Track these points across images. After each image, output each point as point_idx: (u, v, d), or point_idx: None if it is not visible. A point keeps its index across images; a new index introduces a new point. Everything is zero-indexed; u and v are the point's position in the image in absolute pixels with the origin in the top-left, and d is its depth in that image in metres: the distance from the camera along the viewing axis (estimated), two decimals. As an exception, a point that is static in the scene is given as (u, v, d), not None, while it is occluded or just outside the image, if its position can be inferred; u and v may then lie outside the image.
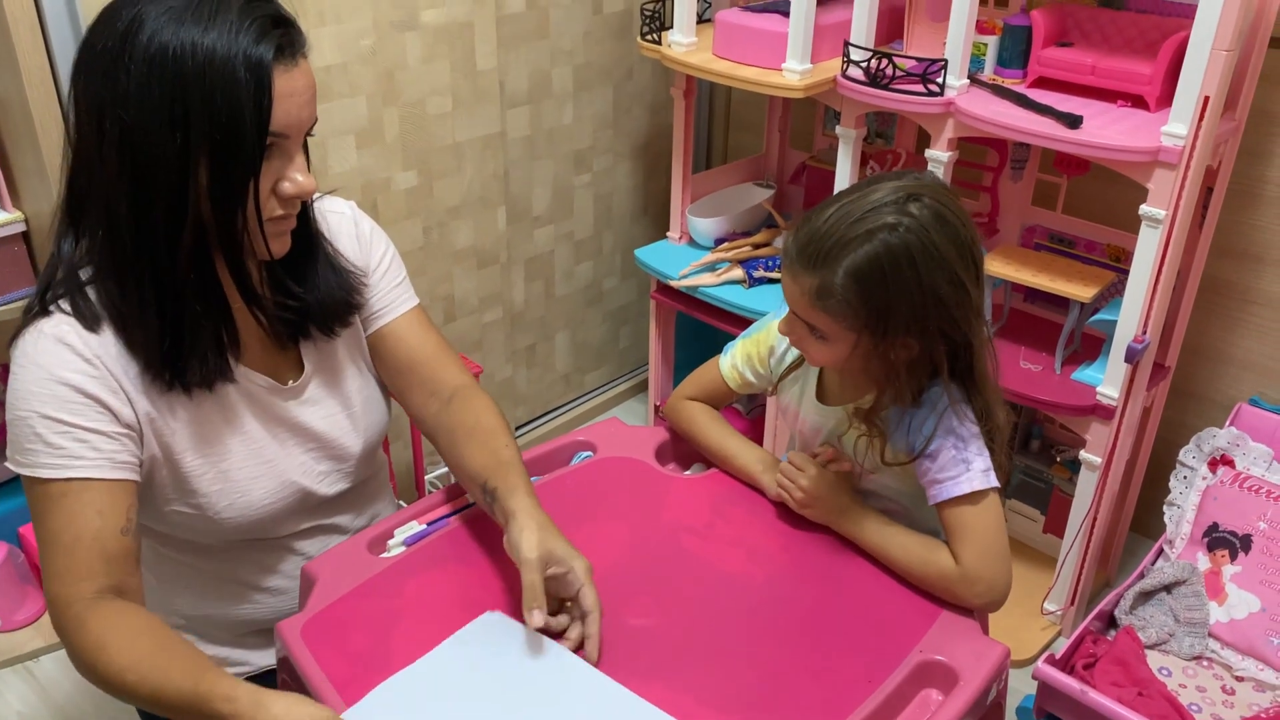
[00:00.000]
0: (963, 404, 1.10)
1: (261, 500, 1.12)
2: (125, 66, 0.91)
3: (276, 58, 0.93)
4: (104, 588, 0.98)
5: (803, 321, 1.09)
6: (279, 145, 0.97)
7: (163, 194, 0.94)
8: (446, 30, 1.91)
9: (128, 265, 0.97)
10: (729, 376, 1.31)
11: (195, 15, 0.91)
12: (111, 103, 0.92)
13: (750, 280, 2.06)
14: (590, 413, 2.59)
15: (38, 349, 0.98)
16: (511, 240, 2.23)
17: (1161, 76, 1.60)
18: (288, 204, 1.00)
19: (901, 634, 1.02)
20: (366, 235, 1.21)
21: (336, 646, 0.98)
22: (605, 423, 1.36)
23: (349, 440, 1.19)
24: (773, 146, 2.38)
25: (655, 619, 1.03)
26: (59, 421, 0.97)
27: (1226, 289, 1.91)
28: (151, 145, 0.92)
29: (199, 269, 0.99)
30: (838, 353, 1.09)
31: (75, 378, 0.98)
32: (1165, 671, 1.63)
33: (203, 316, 1.01)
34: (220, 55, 0.91)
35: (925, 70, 1.67)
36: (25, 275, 1.62)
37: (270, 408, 1.13)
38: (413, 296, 1.25)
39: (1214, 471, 1.76)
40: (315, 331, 1.15)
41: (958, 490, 1.08)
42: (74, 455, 0.98)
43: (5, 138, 1.55)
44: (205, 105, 0.91)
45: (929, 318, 1.04)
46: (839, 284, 1.03)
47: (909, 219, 1.02)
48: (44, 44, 1.42)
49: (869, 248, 1.02)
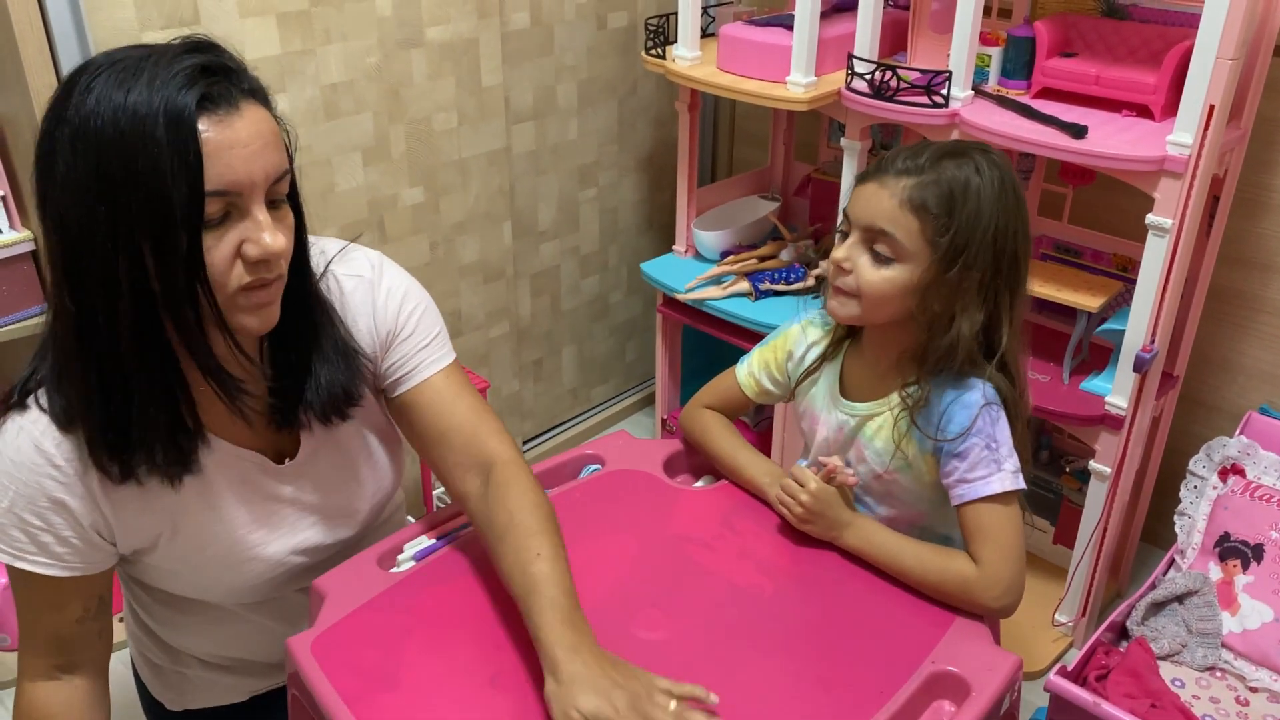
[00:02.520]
0: (996, 404, 1.10)
1: (254, 578, 1.09)
2: (58, 143, 0.84)
3: (202, 106, 0.83)
4: (58, 665, 1.03)
5: (867, 246, 1.09)
6: (233, 204, 0.86)
7: (96, 273, 0.85)
8: (452, 47, 1.92)
9: (71, 353, 0.90)
10: (746, 385, 1.30)
11: (130, 76, 0.83)
12: (49, 183, 0.86)
13: (757, 293, 2.06)
14: (597, 426, 2.59)
15: (9, 445, 0.95)
16: (517, 255, 2.24)
17: (1166, 86, 1.60)
18: (257, 269, 0.89)
19: (912, 645, 1.01)
20: (384, 301, 1.08)
21: (347, 662, 0.98)
22: (613, 436, 1.36)
23: (357, 504, 1.14)
24: (778, 159, 2.38)
25: (664, 632, 1.03)
26: (19, 518, 0.96)
27: (1234, 297, 1.90)
28: (81, 222, 0.84)
29: (144, 352, 0.89)
30: (893, 282, 1.08)
31: (43, 482, 0.95)
32: (1178, 683, 1.62)
33: (150, 402, 0.92)
34: (140, 114, 0.82)
35: (929, 82, 1.68)
36: (34, 294, 1.63)
37: (262, 487, 1.06)
38: (445, 355, 1.12)
39: (1225, 481, 1.75)
40: (313, 421, 1.06)
41: (987, 490, 1.08)
42: (28, 551, 0.98)
43: (13, 157, 1.56)
44: (126, 170, 0.82)
45: (1000, 258, 1.07)
46: (937, 187, 1.05)
47: (994, 156, 1.09)
48: (52, 63, 1.43)
49: (965, 166, 1.07)
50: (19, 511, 0.96)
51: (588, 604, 0.99)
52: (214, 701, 1.22)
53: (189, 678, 1.20)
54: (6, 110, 1.52)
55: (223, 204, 0.86)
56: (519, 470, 1.06)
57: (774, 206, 2.31)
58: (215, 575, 1.07)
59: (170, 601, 1.13)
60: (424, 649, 1.00)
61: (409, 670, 0.97)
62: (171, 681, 1.21)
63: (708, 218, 2.26)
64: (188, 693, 1.21)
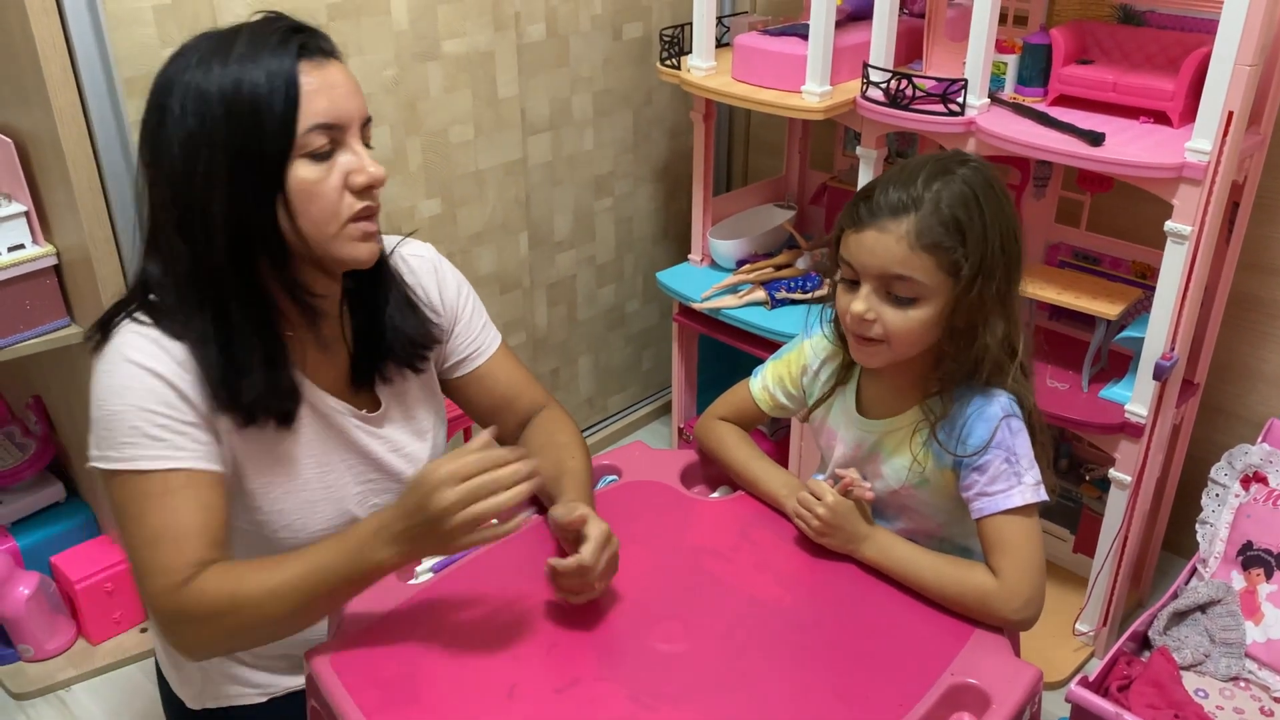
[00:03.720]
0: (1016, 416, 1.10)
1: (317, 526, 1.14)
2: (168, 115, 0.98)
3: (301, 54, 0.98)
4: (207, 560, 1.00)
5: (884, 293, 1.07)
6: (338, 139, 1.00)
7: (204, 215, 0.99)
8: (468, 59, 1.93)
9: (187, 298, 1.02)
10: (759, 398, 1.30)
11: (218, 52, 0.98)
12: (164, 148, 0.99)
13: (773, 301, 2.06)
14: (613, 436, 2.59)
15: (132, 347, 1.01)
16: (534, 265, 2.25)
17: (1184, 92, 1.59)
18: (363, 196, 1.03)
19: (931, 656, 1.01)
20: (449, 281, 1.26)
21: (366, 674, 0.98)
22: (630, 446, 1.36)
23: (411, 472, 1.20)
24: (793, 168, 2.38)
25: (683, 644, 1.03)
26: (158, 414, 0.99)
27: (1255, 304, 1.89)
28: (188, 175, 0.98)
29: (248, 291, 1.02)
30: (922, 321, 1.07)
31: (171, 375, 1.00)
32: (1201, 693, 1.61)
33: (256, 338, 1.03)
34: (245, 66, 0.97)
35: (945, 90, 1.68)
36: (57, 308, 1.64)
37: (345, 433, 1.15)
38: (496, 334, 1.31)
39: (1247, 489, 1.74)
40: (393, 369, 1.18)
41: (1008, 503, 1.08)
42: (176, 447, 1.00)
43: (37, 172, 1.58)
44: (229, 123, 0.96)
45: (1009, 262, 1.07)
46: (939, 216, 1.04)
47: (972, 163, 1.09)
48: (74, 80, 1.44)
49: (953, 183, 1.06)
50: (153, 408, 0.99)
51: (606, 614, 0.99)
52: (232, 700, 1.24)
53: (210, 673, 1.22)
54: (30, 127, 1.53)
55: (327, 137, 0.99)
56: (562, 412, 1.30)
57: (789, 215, 2.30)
58: (287, 514, 1.10)
59: None
60: (442, 661, 1.00)
61: (428, 682, 0.98)
62: (191, 677, 1.24)
63: (723, 227, 2.26)
64: (208, 689, 1.23)
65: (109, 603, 1.87)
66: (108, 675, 1.85)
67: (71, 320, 1.67)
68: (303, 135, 0.98)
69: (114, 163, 1.52)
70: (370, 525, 0.98)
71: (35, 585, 1.80)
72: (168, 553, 0.99)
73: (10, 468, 1.91)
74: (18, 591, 1.79)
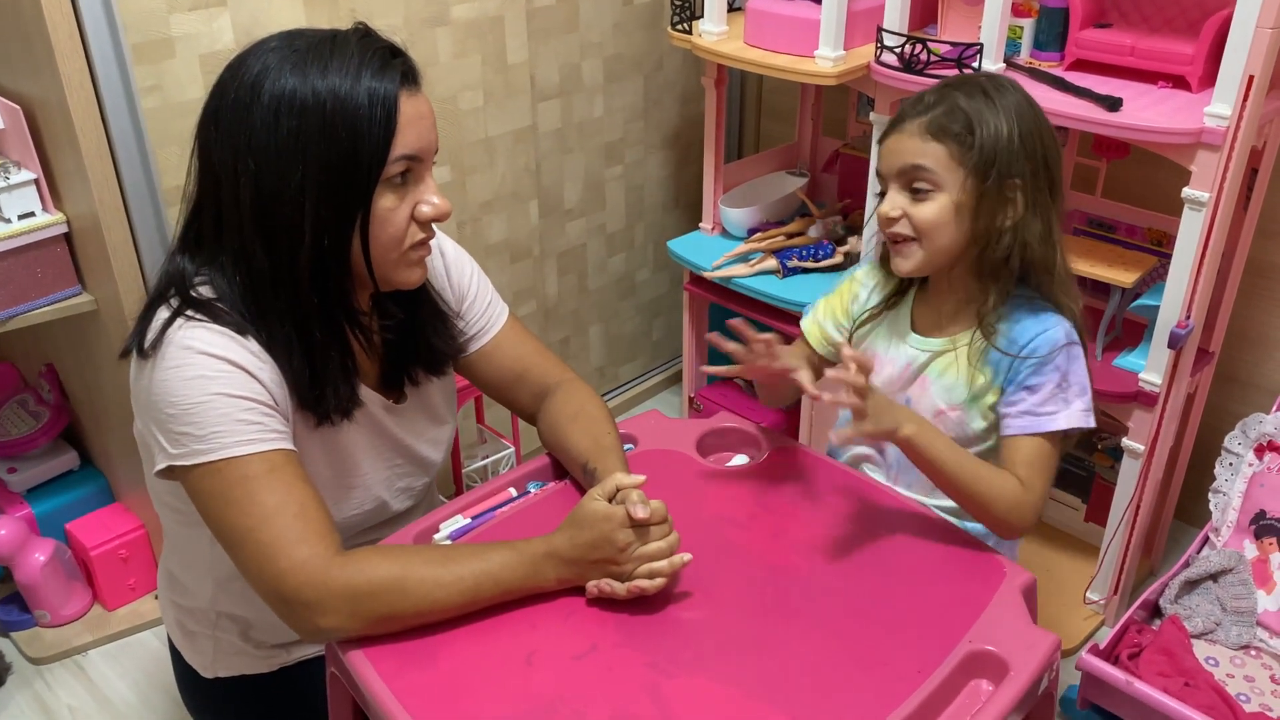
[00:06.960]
0: (1077, 344, 1.16)
1: (349, 510, 1.16)
2: (254, 114, 0.97)
3: (402, 84, 1.00)
4: (339, 546, 0.99)
5: (906, 189, 1.13)
6: (413, 170, 1.02)
7: (288, 229, 0.99)
8: (477, 25, 1.91)
9: (267, 307, 1.02)
10: (808, 331, 1.33)
11: (316, 60, 0.98)
12: (246, 149, 0.98)
13: (784, 270, 2.05)
14: (624, 405, 2.59)
15: (202, 341, 1.00)
16: (544, 234, 2.24)
17: (1204, 56, 1.57)
18: (427, 228, 1.06)
19: (949, 623, 1.01)
20: (454, 261, 1.26)
21: (386, 640, 0.99)
22: (645, 415, 1.36)
23: (432, 454, 1.25)
24: (805, 134, 2.36)
25: (702, 612, 1.03)
26: (245, 400, 0.99)
27: (1273, 272, 1.87)
28: (277, 182, 0.98)
29: (325, 301, 1.04)
30: (943, 211, 1.12)
31: (250, 366, 1.01)
32: (1212, 661, 1.61)
33: (330, 346, 1.06)
34: (344, 91, 0.97)
35: (960, 55, 1.65)
36: (68, 276, 1.64)
37: (379, 423, 1.17)
38: (504, 307, 1.31)
39: (1261, 458, 1.73)
40: (421, 376, 1.21)
41: (1052, 425, 1.14)
42: (270, 429, 1.00)
43: (46, 140, 1.57)
44: (325, 138, 0.96)
45: (1034, 162, 1.12)
46: (952, 114, 1.11)
47: (1004, 80, 1.16)
48: (82, 48, 1.43)
49: (976, 89, 1.13)
50: (239, 394, 0.99)
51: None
52: (243, 669, 1.25)
53: (221, 642, 1.23)
54: (38, 94, 1.52)
55: (405, 166, 1.01)
56: (582, 383, 1.30)
57: (802, 182, 2.29)
58: (329, 497, 1.09)
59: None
60: (461, 628, 1.00)
61: (446, 649, 0.98)
62: (203, 647, 1.25)
63: (735, 194, 2.24)
64: (219, 659, 1.24)
65: (124, 569, 1.88)
66: (123, 641, 1.87)
67: (83, 288, 1.66)
68: (391, 163, 1.00)
69: (122, 129, 1.51)
70: (540, 548, 1.02)
71: (51, 552, 1.81)
72: (295, 526, 0.97)
73: (24, 435, 1.91)
74: (34, 558, 1.80)
